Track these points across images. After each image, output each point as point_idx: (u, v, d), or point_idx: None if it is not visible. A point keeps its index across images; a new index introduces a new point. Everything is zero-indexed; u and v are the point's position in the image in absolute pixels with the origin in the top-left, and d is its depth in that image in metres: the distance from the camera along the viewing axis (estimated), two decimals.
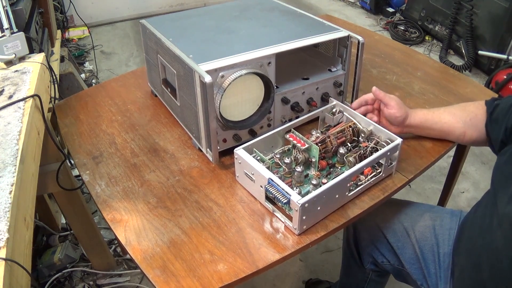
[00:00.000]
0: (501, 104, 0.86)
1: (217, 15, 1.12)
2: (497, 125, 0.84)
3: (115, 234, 0.78)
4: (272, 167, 0.84)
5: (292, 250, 0.74)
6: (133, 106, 1.14)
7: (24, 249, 0.68)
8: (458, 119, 0.91)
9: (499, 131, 0.83)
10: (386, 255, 1.02)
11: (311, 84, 1.01)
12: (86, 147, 0.99)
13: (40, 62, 1.05)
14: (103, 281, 1.50)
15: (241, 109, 0.92)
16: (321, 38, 0.97)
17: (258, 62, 0.88)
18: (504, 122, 0.82)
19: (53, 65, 1.71)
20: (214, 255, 0.73)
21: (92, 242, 1.43)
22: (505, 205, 0.72)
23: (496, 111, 0.86)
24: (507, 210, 0.71)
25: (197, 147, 0.97)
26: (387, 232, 1.00)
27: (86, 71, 2.82)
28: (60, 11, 2.75)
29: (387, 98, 0.92)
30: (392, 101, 0.92)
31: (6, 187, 0.68)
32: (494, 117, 0.86)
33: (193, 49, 0.90)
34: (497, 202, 0.75)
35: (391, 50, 1.44)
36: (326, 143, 0.89)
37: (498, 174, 0.79)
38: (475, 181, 2.00)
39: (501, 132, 0.83)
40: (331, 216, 0.80)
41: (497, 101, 0.88)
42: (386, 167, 0.87)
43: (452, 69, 1.35)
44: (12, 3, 1.41)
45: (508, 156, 0.78)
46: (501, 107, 0.85)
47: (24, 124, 0.84)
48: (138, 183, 0.88)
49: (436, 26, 3.10)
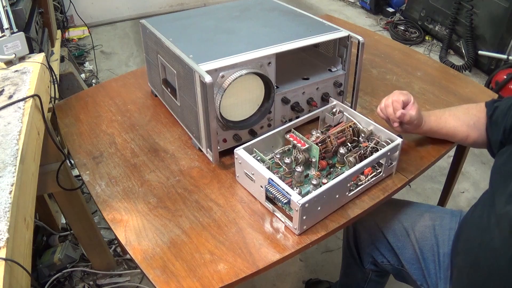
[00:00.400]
0: (500, 106, 0.86)
1: (217, 15, 1.12)
2: (496, 127, 0.85)
3: (115, 234, 0.78)
4: (272, 167, 0.84)
5: (292, 250, 0.74)
6: (133, 106, 1.14)
7: (24, 249, 0.68)
8: (462, 122, 0.92)
9: (498, 133, 0.84)
10: (386, 255, 1.02)
11: (311, 84, 1.01)
12: (86, 147, 0.99)
13: (40, 62, 1.05)
14: (103, 281, 1.50)
15: (241, 109, 0.92)
16: (321, 38, 0.97)
17: (258, 62, 0.88)
18: (502, 123, 0.83)
19: (53, 65, 1.71)
20: (214, 255, 0.73)
21: (92, 242, 1.42)
22: (503, 205, 0.72)
23: (496, 113, 0.86)
24: (505, 210, 0.71)
25: (197, 147, 0.97)
26: (387, 232, 1.00)
27: (86, 71, 2.82)
28: (60, 11, 2.75)
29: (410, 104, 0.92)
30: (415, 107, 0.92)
31: (6, 187, 0.68)
32: (494, 119, 0.86)
33: (193, 49, 0.90)
34: (495, 202, 0.75)
35: (391, 50, 1.44)
36: (326, 143, 0.89)
37: (496, 174, 0.80)
38: (475, 181, 2.00)
39: (500, 133, 0.83)
40: (331, 216, 0.80)
41: (496, 103, 0.88)
42: (386, 167, 0.87)
43: (452, 69, 1.35)
44: (12, 3, 1.41)
45: (506, 156, 0.78)
46: (500, 109, 0.86)
47: (24, 124, 0.84)
48: (138, 183, 0.88)
49: (436, 26, 3.10)
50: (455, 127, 0.92)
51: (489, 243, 0.74)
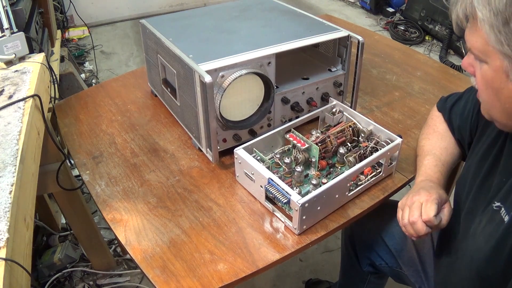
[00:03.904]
0: (454, 109, 0.85)
1: (217, 15, 1.12)
2: (465, 130, 0.83)
3: (115, 234, 0.78)
4: (272, 167, 0.84)
5: (292, 250, 0.74)
6: (133, 106, 1.14)
7: (24, 249, 0.68)
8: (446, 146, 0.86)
9: (466, 135, 0.82)
10: (384, 257, 1.01)
11: (311, 84, 1.01)
12: (86, 147, 0.99)
13: (40, 62, 1.05)
14: (103, 281, 1.50)
15: (241, 109, 0.92)
16: (321, 38, 0.97)
17: (258, 62, 0.88)
18: (468, 127, 0.81)
19: (53, 65, 1.71)
20: (214, 255, 0.73)
21: (92, 242, 1.42)
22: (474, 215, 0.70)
23: (455, 122, 0.85)
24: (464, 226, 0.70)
25: (197, 147, 0.97)
26: (385, 235, 0.99)
27: (86, 71, 2.82)
28: (60, 11, 2.74)
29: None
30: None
31: (6, 187, 0.68)
32: (457, 128, 0.84)
33: (193, 49, 0.90)
34: (461, 215, 0.74)
35: (391, 50, 1.44)
36: (326, 143, 0.89)
37: (461, 185, 0.77)
38: None
39: (467, 135, 0.82)
40: (331, 216, 0.80)
41: (449, 108, 0.86)
42: (386, 167, 0.87)
43: (452, 69, 1.35)
44: (12, 3, 1.41)
45: (470, 166, 0.76)
46: (455, 113, 0.85)
47: (24, 124, 0.84)
48: (138, 183, 0.88)
49: (436, 26, 3.10)
50: (452, 161, 0.86)
51: (456, 261, 0.74)
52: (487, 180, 0.69)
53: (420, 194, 0.73)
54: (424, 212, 0.70)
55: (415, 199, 0.73)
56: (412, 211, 0.72)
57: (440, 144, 0.86)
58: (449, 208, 0.74)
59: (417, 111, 1.11)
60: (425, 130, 0.91)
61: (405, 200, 0.76)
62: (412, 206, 0.73)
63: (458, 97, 0.87)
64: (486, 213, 0.66)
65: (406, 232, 0.74)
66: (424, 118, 1.08)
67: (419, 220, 0.70)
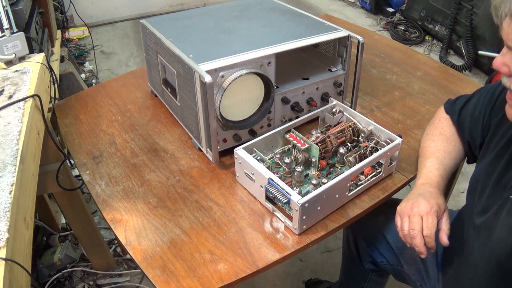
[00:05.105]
0: (464, 111, 0.85)
1: (217, 15, 1.12)
2: (476, 132, 0.83)
3: (115, 234, 0.78)
4: (272, 167, 0.84)
5: (292, 250, 0.74)
6: (133, 106, 1.14)
7: (24, 249, 0.68)
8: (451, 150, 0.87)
9: (477, 136, 0.83)
10: (385, 255, 1.02)
11: (311, 84, 1.01)
12: (86, 147, 0.99)
13: (40, 62, 1.05)
14: (103, 281, 1.50)
15: (241, 109, 0.92)
16: (321, 38, 0.97)
17: (258, 62, 0.88)
18: (479, 127, 0.81)
19: (53, 65, 1.71)
20: (214, 255, 0.73)
21: (92, 242, 1.42)
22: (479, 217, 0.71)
23: (465, 123, 0.85)
24: (481, 221, 0.70)
25: (197, 147, 0.97)
26: (387, 233, 0.99)
27: (86, 71, 2.82)
28: (60, 11, 2.74)
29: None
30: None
31: (6, 187, 0.68)
32: (467, 129, 0.84)
33: (193, 49, 0.90)
34: (474, 213, 0.74)
35: (391, 50, 1.44)
36: (326, 143, 0.89)
37: (474, 184, 0.78)
38: None
39: (479, 136, 0.82)
40: (331, 216, 0.80)
41: (458, 110, 0.86)
42: (386, 167, 0.87)
43: (452, 69, 1.35)
44: (12, 3, 1.41)
45: (482, 166, 0.77)
46: (465, 114, 0.85)
47: (24, 124, 0.84)
48: (138, 183, 0.88)
49: (436, 26, 3.10)
50: (454, 166, 0.87)
51: (468, 257, 0.74)
52: (504, 176, 0.70)
53: (419, 205, 0.74)
54: (425, 227, 0.71)
55: (415, 211, 0.73)
56: (413, 224, 0.72)
57: (445, 147, 0.86)
58: (447, 218, 0.74)
59: (417, 111, 1.11)
60: (430, 131, 0.91)
61: (404, 207, 0.76)
62: (412, 218, 0.73)
63: (468, 99, 0.87)
64: (505, 206, 0.66)
65: (405, 241, 0.74)
66: (424, 118, 1.08)
67: (419, 235, 0.71)
